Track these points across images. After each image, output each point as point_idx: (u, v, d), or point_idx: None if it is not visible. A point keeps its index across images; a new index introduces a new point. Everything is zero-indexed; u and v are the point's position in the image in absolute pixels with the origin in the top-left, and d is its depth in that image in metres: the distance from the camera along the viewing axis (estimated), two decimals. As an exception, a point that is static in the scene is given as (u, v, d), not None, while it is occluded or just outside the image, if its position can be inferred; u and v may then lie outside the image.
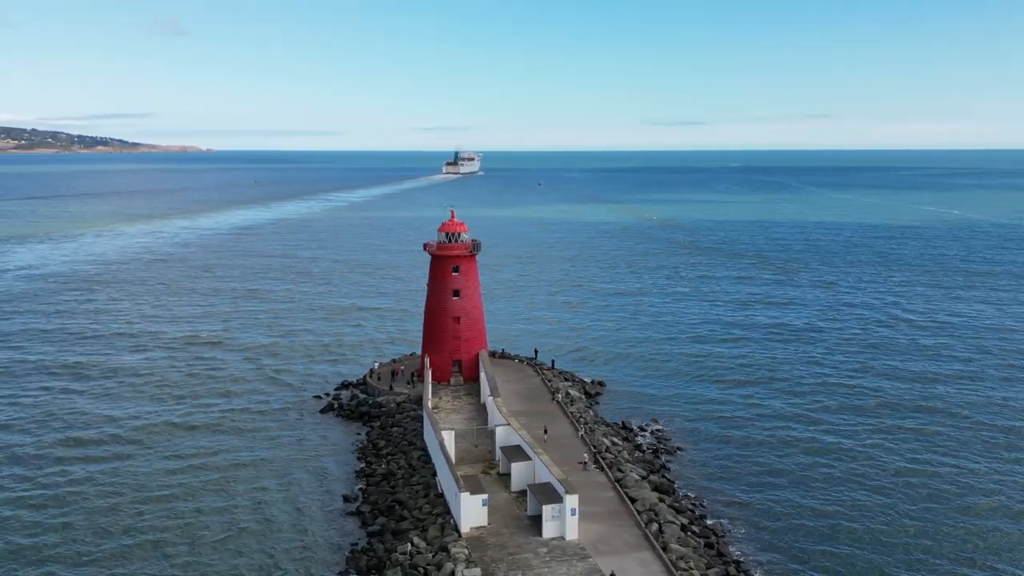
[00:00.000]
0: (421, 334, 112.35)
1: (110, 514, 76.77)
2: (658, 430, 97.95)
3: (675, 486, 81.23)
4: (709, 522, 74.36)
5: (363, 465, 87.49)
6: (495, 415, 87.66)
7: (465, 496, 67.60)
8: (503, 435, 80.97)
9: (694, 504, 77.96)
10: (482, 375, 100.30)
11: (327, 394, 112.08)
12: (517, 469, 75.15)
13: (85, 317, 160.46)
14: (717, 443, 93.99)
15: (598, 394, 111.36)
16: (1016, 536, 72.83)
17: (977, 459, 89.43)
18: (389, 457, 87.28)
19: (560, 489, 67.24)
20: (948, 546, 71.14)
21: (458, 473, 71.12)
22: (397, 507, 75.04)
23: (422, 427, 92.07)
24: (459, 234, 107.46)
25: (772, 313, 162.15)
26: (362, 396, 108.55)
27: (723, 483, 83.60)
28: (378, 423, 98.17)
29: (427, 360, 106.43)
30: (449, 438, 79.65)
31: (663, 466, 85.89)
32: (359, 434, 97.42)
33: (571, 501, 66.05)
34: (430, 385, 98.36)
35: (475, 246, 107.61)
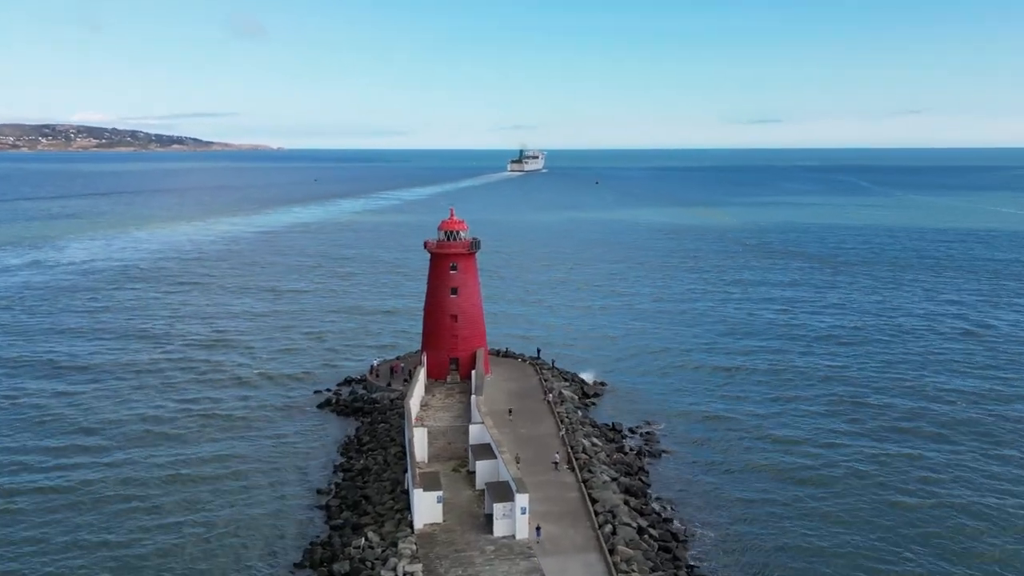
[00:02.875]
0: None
1: (101, 497, 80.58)
2: (648, 433, 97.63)
3: (648, 489, 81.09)
4: (675, 526, 74.16)
5: (344, 460, 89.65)
6: (474, 414, 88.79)
7: (419, 492, 68.86)
8: (475, 433, 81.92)
9: (664, 507, 77.73)
10: (472, 373, 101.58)
11: (328, 389, 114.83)
12: (481, 467, 76.11)
13: (115, 313, 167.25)
14: (707, 451, 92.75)
15: (597, 395, 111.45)
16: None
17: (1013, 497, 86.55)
18: (369, 453, 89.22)
19: (513, 488, 67.99)
20: None
21: (416, 469, 72.43)
22: (363, 502, 76.81)
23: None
24: (458, 232, 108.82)
25: (810, 324, 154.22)
26: (360, 392, 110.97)
27: (702, 489, 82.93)
28: (368, 419, 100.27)
29: (424, 357, 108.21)
30: (420, 436, 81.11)
31: (641, 468, 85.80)
32: (350, 429, 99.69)
33: (521, 500, 66.72)
34: (420, 382, 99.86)
35: (473, 244, 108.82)
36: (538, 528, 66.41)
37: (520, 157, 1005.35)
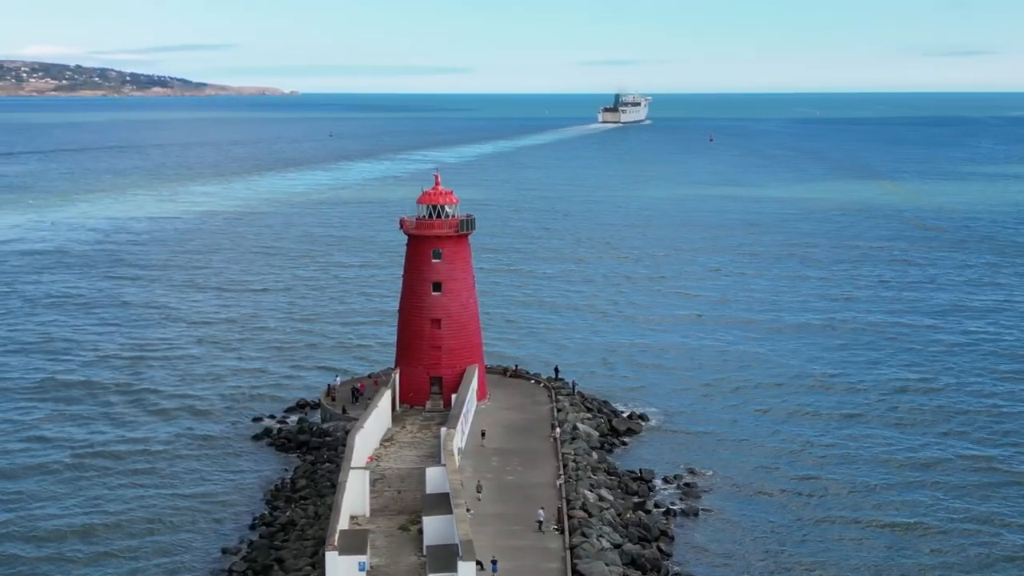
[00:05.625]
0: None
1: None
2: (689, 484, 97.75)
3: (666, 562, 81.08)
4: (693, 615, 74.26)
5: (269, 510, 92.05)
6: (442, 453, 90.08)
7: (331, 556, 70.19)
8: (433, 479, 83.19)
9: (684, 588, 77.94)
10: (453, 397, 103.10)
11: (272, 416, 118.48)
12: (430, 524, 77.01)
13: (18, 316, 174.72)
14: (768, 516, 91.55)
15: (630, 432, 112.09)
16: None
17: None
18: (300, 501, 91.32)
19: (459, 552, 68.93)
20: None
21: (337, 525, 73.85)
22: (275, 567, 78.68)
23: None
24: (443, 207, 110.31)
25: (978, 361, 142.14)
26: (312, 421, 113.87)
27: (746, 564, 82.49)
28: (312, 457, 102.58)
29: (396, 376, 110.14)
30: (357, 479, 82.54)
31: (664, 533, 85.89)
32: (287, 470, 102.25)
33: (465, 570, 67.53)
34: (382, 408, 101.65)
35: (464, 224, 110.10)
36: (493, 561, 69.83)
37: (615, 104, 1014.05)
